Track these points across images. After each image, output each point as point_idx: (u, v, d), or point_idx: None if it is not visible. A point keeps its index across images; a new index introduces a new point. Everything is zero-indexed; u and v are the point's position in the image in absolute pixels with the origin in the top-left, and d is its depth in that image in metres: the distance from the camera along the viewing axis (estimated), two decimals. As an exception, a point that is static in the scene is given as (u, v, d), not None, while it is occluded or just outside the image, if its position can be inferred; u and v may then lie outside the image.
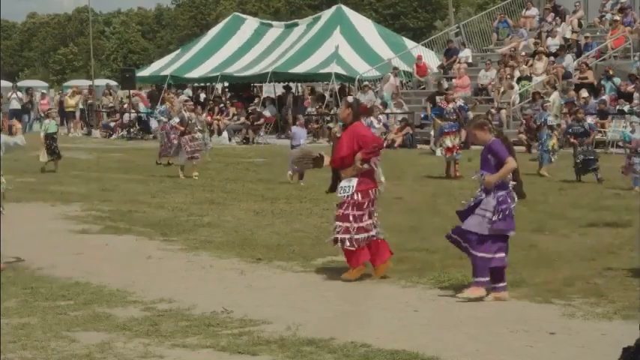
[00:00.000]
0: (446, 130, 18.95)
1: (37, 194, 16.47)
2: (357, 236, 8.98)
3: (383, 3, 76.98)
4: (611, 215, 12.98)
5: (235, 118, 33.33)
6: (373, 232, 9.10)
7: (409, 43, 37.89)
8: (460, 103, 19.84)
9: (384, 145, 21.63)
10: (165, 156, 21.19)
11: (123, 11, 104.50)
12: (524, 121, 24.62)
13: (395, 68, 31.79)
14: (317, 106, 33.47)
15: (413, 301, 8.23)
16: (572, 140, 18.03)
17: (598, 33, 29.65)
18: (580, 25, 30.56)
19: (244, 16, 42.51)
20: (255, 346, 6.77)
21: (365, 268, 9.19)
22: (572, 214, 13.15)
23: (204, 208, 14.53)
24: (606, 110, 24.57)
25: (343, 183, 9.11)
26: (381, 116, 19.46)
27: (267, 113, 33.67)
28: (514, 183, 8.36)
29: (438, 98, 26.02)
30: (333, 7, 37.60)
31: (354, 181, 9.01)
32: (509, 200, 8.16)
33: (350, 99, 9.70)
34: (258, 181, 18.32)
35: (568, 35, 29.64)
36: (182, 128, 19.56)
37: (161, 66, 39.06)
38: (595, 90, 25.95)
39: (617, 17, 28.94)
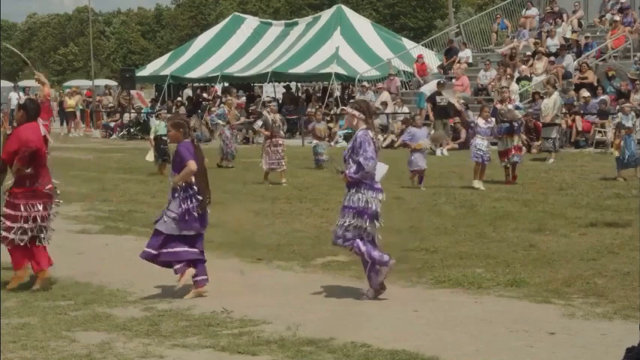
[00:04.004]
0: (497, 133, 17.58)
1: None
2: (5, 234, 8.76)
3: (383, 2, 76.98)
4: (611, 215, 12.97)
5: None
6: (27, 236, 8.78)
7: (408, 43, 37.89)
8: (517, 103, 18.78)
9: (382, 145, 21.36)
10: (225, 159, 21.25)
11: (123, 11, 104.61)
12: (524, 121, 24.58)
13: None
14: (317, 106, 33.45)
15: (413, 301, 8.23)
16: None
17: (598, 33, 29.65)
18: (580, 25, 30.56)
19: (244, 15, 42.51)
20: (255, 346, 6.77)
21: (25, 276, 8.85)
22: (572, 214, 13.14)
23: (204, 208, 14.52)
24: (606, 110, 24.56)
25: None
26: (492, 118, 17.32)
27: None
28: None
29: (438, 95, 25.98)
30: (333, 7, 37.60)
31: (11, 182, 8.88)
32: (190, 202, 8.41)
33: (22, 100, 9.49)
34: (258, 181, 18.30)
35: (568, 35, 29.65)
36: (267, 132, 18.35)
37: (160, 65, 39.07)
38: (594, 90, 25.95)
39: (617, 17, 28.94)
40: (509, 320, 7.48)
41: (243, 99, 33.09)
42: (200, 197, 8.46)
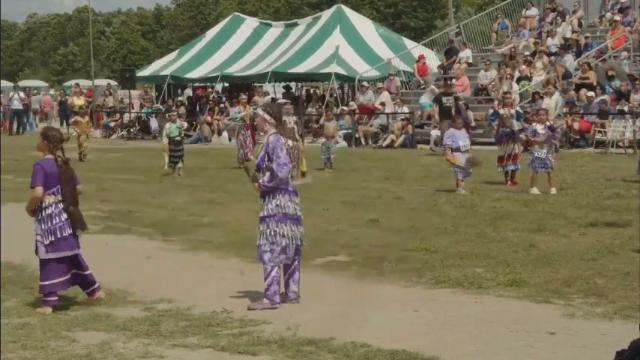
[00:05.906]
0: (498, 138, 17.44)
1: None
2: None
3: (384, 2, 76.97)
4: (611, 215, 12.97)
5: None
6: None
7: (409, 43, 37.89)
8: (518, 108, 18.23)
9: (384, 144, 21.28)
10: (245, 159, 20.97)
11: (123, 11, 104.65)
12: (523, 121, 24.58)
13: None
14: (317, 106, 33.47)
15: (413, 301, 8.23)
16: None
17: (598, 33, 29.66)
18: (580, 24, 30.56)
19: (244, 16, 42.52)
20: (255, 346, 6.77)
21: None
22: (572, 214, 13.14)
23: (204, 208, 14.54)
24: (607, 110, 24.57)
25: None
26: (548, 122, 16.51)
27: (267, 113, 33.62)
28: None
29: (444, 96, 25.92)
30: (333, 7, 37.60)
31: None
32: (50, 223, 7.99)
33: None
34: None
35: (568, 35, 29.66)
36: None
37: (161, 66, 39.10)
38: (594, 90, 25.94)
39: (617, 17, 28.94)
40: (509, 320, 7.48)
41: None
42: (65, 217, 8.05)
